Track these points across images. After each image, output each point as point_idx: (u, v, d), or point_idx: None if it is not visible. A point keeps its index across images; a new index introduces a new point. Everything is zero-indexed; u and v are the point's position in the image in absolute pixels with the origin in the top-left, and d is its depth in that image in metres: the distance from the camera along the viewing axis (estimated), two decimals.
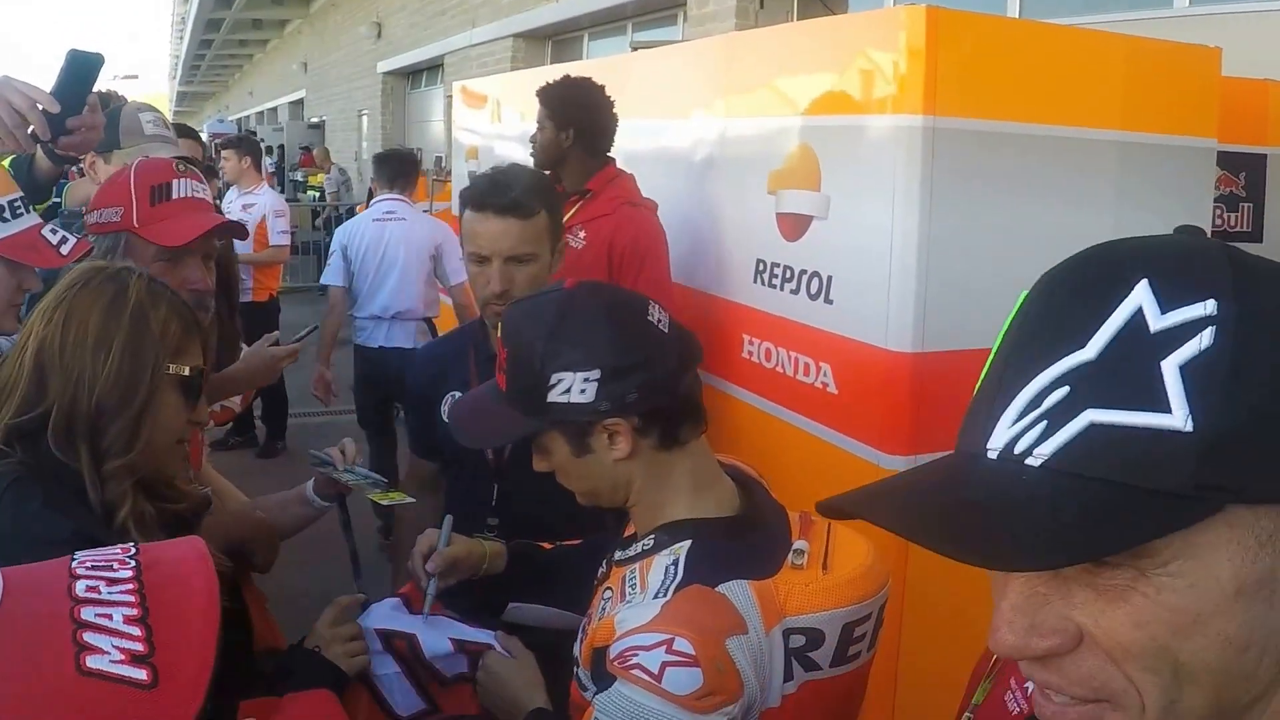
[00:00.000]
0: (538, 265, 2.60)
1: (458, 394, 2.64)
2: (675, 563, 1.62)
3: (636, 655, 1.49)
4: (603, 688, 1.53)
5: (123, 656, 1.01)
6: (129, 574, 1.10)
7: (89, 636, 1.02)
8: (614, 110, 3.95)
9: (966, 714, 1.59)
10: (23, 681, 0.98)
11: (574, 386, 1.62)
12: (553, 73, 4.24)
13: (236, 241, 3.31)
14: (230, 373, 3.01)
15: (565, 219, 3.97)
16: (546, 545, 2.21)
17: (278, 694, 1.72)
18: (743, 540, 1.67)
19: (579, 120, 3.86)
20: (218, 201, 5.10)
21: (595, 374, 1.62)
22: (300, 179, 22.20)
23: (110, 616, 1.04)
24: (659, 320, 1.70)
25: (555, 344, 1.64)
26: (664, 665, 1.46)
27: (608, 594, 1.74)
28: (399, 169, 6.83)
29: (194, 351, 1.81)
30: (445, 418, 2.64)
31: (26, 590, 1.07)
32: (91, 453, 1.69)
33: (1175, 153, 3.41)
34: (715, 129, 3.96)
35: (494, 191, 2.58)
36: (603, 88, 3.97)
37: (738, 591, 1.57)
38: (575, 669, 1.76)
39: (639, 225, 3.72)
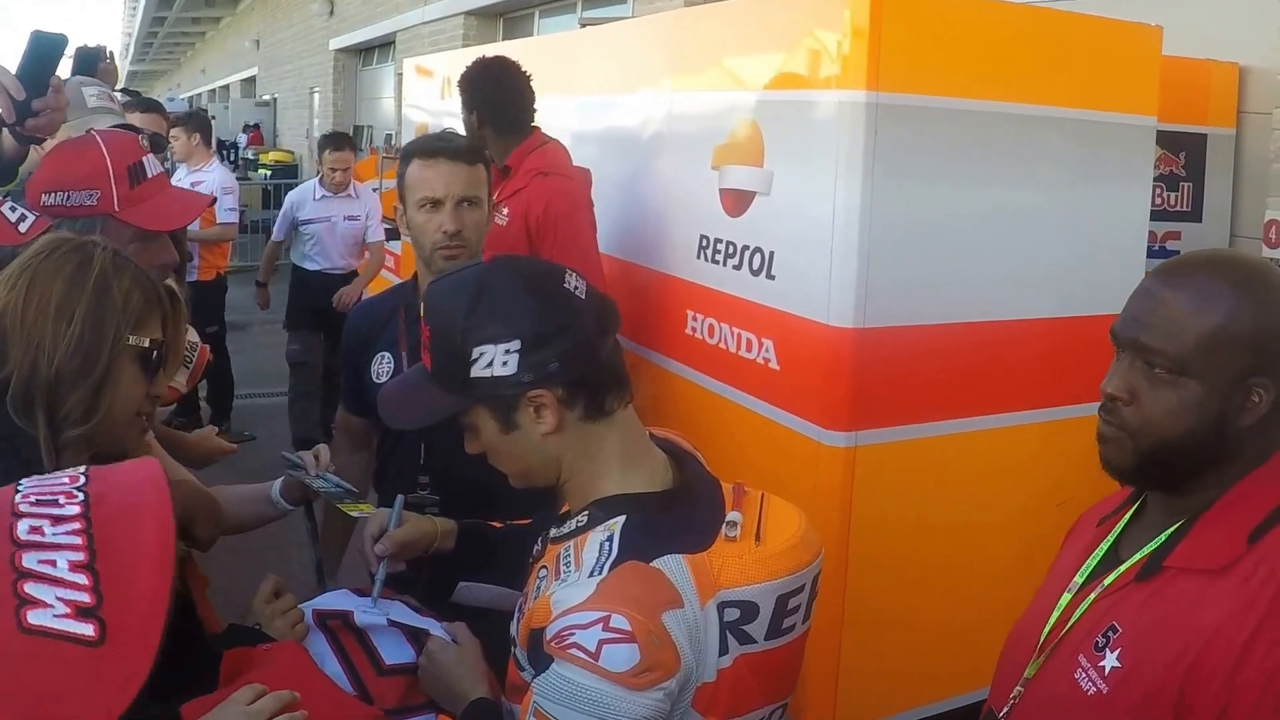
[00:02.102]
0: (482, 212, 2.79)
1: (387, 354, 2.79)
2: (610, 539, 1.61)
3: (573, 634, 1.47)
4: (541, 669, 1.52)
5: (67, 610, 0.96)
6: (76, 510, 1.05)
7: (30, 587, 0.96)
8: (527, 83, 3.93)
9: (1018, 688, 1.65)
10: None
11: (495, 359, 1.61)
12: (503, 51, 4.21)
13: None
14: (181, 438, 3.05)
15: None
16: (497, 524, 2.19)
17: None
18: (677, 514, 1.66)
19: (482, 100, 3.91)
20: None
21: (515, 345, 1.61)
22: (252, 157, 21.97)
23: (54, 563, 0.99)
24: (576, 288, 1.69)
25: (474, 317, 1.63)
26: (601, 643, 1.45)
27: (543, 573, 1.72)
28: None
29: (154, 325, 1.80)
30: (374, 377, 2.78)
31: None
32: (49, 421, 1.69)
33: (1116, 130, 3.43)
34: (662, 105, 3.95)
35: (442, 140, 2.82)
36: (514, 63, 3.96)
37: (673, 566, 1.57)
38: (513, 649, 1.74)
39: (550, 194, 3.71)
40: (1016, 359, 3.36)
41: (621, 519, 1.63)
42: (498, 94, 3.90)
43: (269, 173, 19.51)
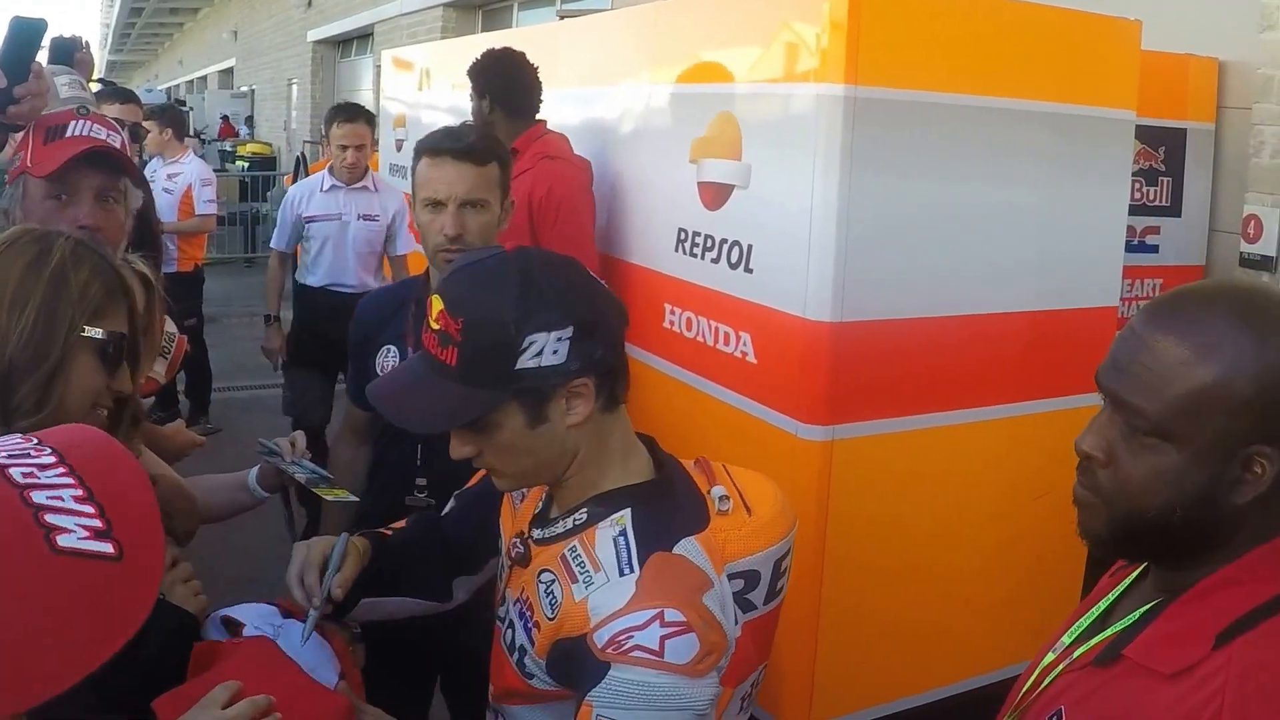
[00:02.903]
0: (489, 215, 2.70)
1: (392, 347, 2.74)
2: (623, 534, 1.59)
3: (632, 636, 1.46)
4: (592, 676, 1.49)
5: (88, 533, 1.02)
6: (53, 459, 1.09)
7: (50, 518, 1.01)
8: (535, 74, 4.03)
9: None
10: None
11: (546, 348, 1.54)
12: (481, 42, 4.23)
13: (162, 210, 3.26)
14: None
15: None
16: (387, 532, 2.07)
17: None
18: (674, 499, 1.66)
19: (495, 86, 3.99)
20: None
21: (568, 331, 1.55)
22: (229, 149, 21.88)
23: (60, 498, 1.04)
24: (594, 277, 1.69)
25: (528, 305, 1.54)
26: (663, 639, 1.45)
27: (546, 576, 1.66)
28: None
29: (116, 316, 1.77)
30: (379, 371, 2.72)
31: None
32: (2, 410, 1.67)
33: (1095, 124, 3.43)
34: (641, 98, 3.94)
35: (450, 138, 2.71)
36: (522, 54, 4.03)
37: (691, 549, 1.58)
38: (517, 656, 1.71)
39: (555, 177, 3.78)
40: (994, 353, 3.36)
41: (627, 511, 1.62)
42: (508, 81, 3.99)
43: (246, 164, 19.41)
